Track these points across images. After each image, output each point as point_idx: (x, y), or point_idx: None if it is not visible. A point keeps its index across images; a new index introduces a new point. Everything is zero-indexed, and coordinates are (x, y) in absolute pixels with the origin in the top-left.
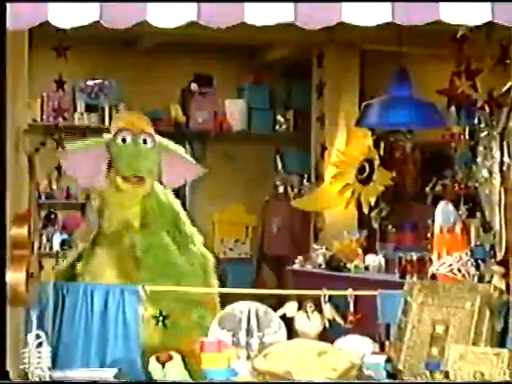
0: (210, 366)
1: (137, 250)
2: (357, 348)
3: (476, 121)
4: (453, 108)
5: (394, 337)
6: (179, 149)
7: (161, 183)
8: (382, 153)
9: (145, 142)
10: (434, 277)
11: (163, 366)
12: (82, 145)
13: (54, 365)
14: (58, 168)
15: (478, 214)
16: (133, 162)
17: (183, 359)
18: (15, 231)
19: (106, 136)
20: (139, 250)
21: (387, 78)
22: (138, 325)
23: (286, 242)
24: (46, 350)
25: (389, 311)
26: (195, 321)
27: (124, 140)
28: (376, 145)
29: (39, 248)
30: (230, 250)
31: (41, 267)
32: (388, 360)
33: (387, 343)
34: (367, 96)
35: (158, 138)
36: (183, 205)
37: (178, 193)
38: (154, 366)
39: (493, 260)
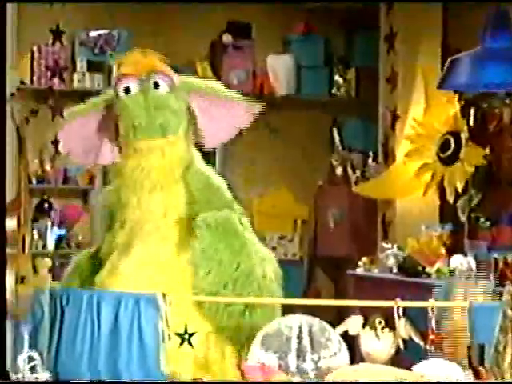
0: None
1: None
2: (443, 376)
3: None
4: None
5: (489, 362)
6: (216, 86)
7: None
8: (471, 123)
9: (156, 86)
10: None
11: None
12: (76, 111)
13: None
14: (55, 143)
15: None
16: (142, 118)
17: None
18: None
19: (107, 92)
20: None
21: (479, 24)
22: (158, 344)
23: (345, 240)
24: (43, 375)
25: (482, 328)
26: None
27: (127, 90)
28: (464, 113)
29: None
30: (274, 249)
31: (34, 270)
32: None
33: (481, 369)
34: (452, 49)
35: (180, 78)
36: None
37: None
38: None
39: None
